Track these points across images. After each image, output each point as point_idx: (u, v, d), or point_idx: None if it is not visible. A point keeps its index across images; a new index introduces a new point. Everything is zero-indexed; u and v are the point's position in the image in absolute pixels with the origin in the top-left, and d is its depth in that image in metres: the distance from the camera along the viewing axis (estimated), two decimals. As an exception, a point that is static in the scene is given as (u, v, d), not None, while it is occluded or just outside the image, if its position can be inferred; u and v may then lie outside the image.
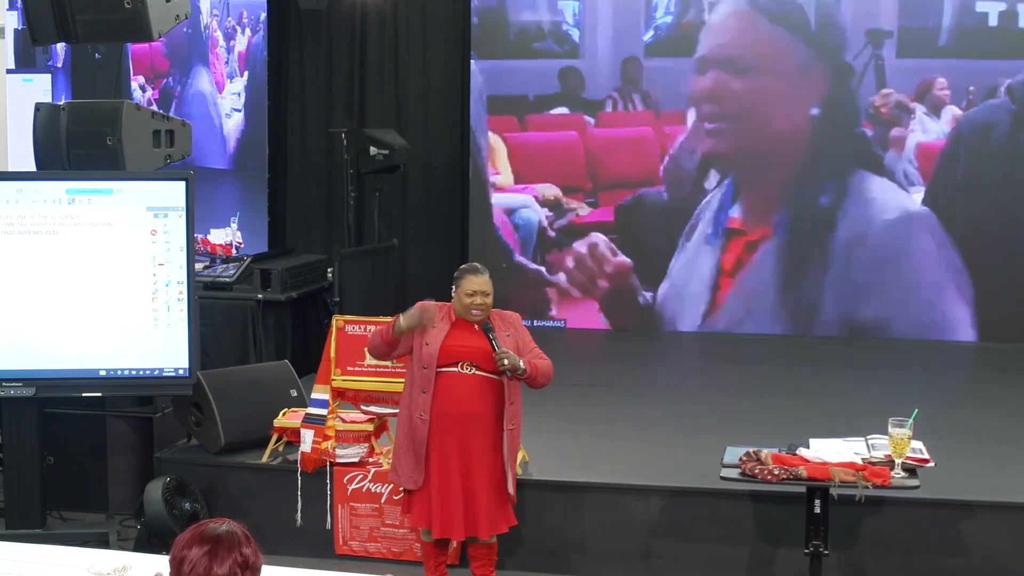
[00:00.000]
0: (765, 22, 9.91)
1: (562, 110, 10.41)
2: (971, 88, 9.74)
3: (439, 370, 5.25)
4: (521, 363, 5.21)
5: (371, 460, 6.27)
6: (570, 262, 10.40)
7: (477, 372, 5.26)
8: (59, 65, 9.41)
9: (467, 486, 5.28)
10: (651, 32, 10.24)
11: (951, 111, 9.76)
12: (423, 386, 5.26)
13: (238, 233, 9.45)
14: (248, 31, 10.40)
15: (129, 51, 9.93)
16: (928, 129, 9.82)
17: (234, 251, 9.26)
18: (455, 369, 5.25)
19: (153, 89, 10.49)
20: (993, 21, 9.72)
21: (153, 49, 9.89)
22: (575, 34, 10.39)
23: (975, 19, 9.75)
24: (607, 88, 10.34)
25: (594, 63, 10.36)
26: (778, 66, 9.94)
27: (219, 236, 9.34)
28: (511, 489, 5.35)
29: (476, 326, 5.30)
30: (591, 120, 10.39)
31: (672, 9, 10.18)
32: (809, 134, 9.96)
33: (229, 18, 10.48)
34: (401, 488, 5.51)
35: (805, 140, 9.97)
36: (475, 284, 5.28)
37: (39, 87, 9.05)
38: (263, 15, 10.30)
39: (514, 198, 10.50)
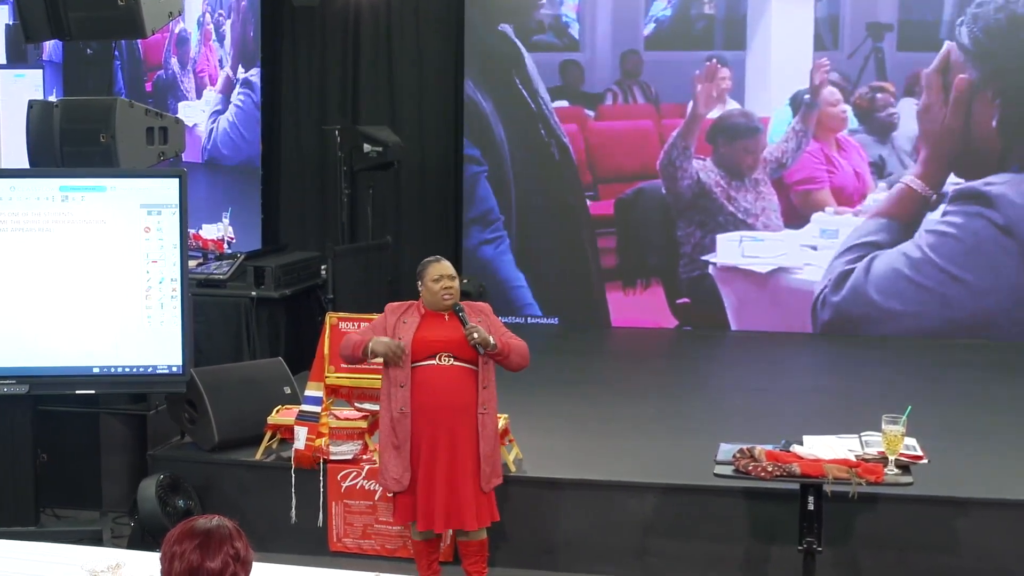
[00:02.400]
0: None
1: (562, 103, 10.40)
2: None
3: (416, 364, 5.27)
4: (491, 338, 5.26)
5: (365, 457, 6.27)
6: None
7: (455, 363, 5.27)
8: (47, 58, 9.39)
9: (451, 478, 5.28)
10: (651, 25, 10.24)
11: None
12: (400, 381, 5.27)
13: (230, 228, 9.43)
14: (239, 24, 10.38)
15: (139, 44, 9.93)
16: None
17: (226, 246, 9.25)
18: (433, 362, 5.27)
19: (145, 82, 10.47)
20: (993, 14, 9.74)
21: (147, 42, 9.87)
22: (575, 27, 10.39)
23: (975, 12, 9.78)
24: (607, 81, 10.34)
25: (594, 56, 10.37)
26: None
27: (211, 231, 9.32)
28: (484, 484, 5.33)
29: (445, 316, 5.32)
30: (591, 113, 10.38)
31: (672, 2, 10.18)
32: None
33: (219, 11, 10.47)
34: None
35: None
36: (439, 270, 5.36)
37: (31, 82, 9.02)
38: (247, 7, 10.29)
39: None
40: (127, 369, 6.08)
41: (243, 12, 10.38)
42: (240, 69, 10.40)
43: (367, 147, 9.24)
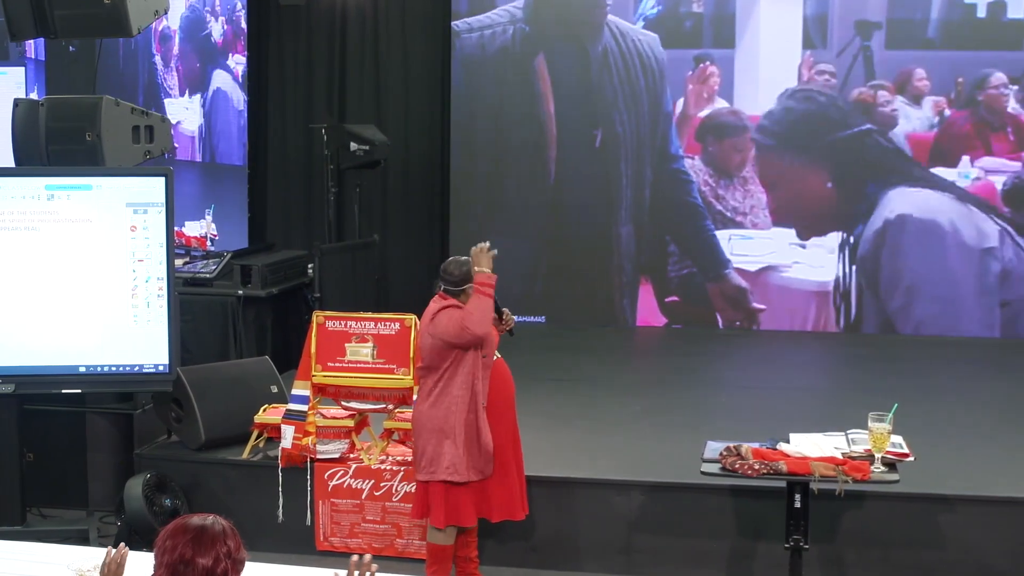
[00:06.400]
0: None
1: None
2: (959, 79, 9.77)
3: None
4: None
5: (352, 456, 6.26)
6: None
7: (499, 355, 5.48)
8: (29, 56, 9.36)
9: (519, 467, 5.52)
10: (640, 23, 10.24)
11: (931, 100, 9.81)
12: (485, 376, 5.35)
13: (212, 225, 9.42)
14: (223, 19, 10.36)
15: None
16: (911, 117, 9.87)
17: (209, 243, 9.24)
18: (499, 355, 5.46)
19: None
20: (981, 13, 9.76)
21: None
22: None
23: (963, 11, 9.79)
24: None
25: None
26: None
27: (193, 228, 9.31)
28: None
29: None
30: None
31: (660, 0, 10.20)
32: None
33: (205, 7, 10.44)
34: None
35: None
36: None
37: (12, 80, 8.98)
38: (239, 5, 10.26)
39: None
40: (113, 368, 6.07)
41: (223, 6, 10.33)
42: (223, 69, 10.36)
43: (353, 146, 9.24)
